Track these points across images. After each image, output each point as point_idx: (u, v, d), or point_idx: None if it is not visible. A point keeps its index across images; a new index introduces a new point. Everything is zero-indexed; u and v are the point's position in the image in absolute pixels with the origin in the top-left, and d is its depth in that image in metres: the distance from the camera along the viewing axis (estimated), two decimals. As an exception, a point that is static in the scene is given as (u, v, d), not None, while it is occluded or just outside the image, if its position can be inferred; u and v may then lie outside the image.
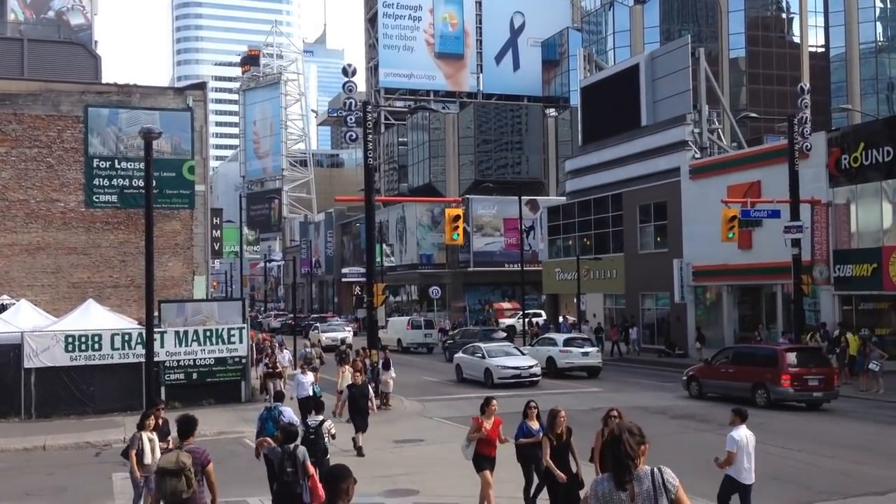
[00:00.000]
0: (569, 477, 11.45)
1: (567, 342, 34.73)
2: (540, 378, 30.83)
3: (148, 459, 11.85)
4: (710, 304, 40.70)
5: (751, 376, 24.98)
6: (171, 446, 10.80)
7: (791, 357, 24.61)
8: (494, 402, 12.84)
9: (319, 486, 10.54)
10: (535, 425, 12.36)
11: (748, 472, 11.06)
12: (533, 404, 12.64)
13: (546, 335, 39.60)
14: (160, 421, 12.86)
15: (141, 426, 12.31)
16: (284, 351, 30.06)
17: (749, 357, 26.12)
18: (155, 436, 12.23)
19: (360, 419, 18.18)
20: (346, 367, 24.66)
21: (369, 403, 18.98)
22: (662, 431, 19.43)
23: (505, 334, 43.61)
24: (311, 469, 10.65)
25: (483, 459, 12.49)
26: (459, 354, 33.79)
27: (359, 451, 17.90)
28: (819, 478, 15.42)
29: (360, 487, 14.01)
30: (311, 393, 20.80)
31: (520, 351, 33.20)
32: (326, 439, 13.08)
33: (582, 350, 33.92)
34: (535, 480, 12.40)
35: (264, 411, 14.54)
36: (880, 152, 31.41)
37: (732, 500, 11.36)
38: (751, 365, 25.37)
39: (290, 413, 14.17)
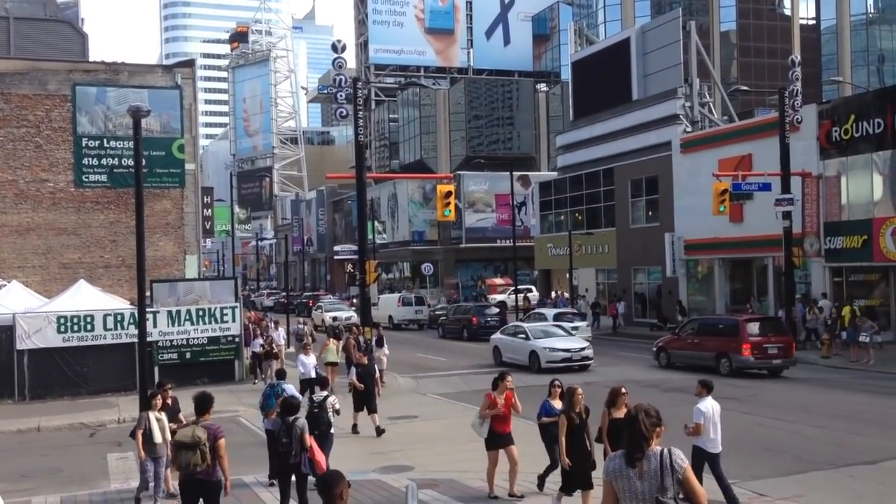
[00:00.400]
0: (585, 456, 11.10)
1: (557, 317, 34.88)
2: (592, 361, 28.09)
3: (158, 439, 11.96)
4: (702, 278, 40.83)
5: (714, 346, 26.08)
6: (185, 423, 10.97)
7: (752, 327, 25.68)
8: (510, 378, 12.43)
9: (318, 455, 10.68)
10: (557, 404, 11.90)
11: (715, 441, 11.25)
12: (557, 383, 12.26)
13: (536, 310, 39.71)
14: (169, 401, 13.02)
15: (148, 407, 12.45)
16: (279, 329, 30.08)
17: (713, 328, 27.27)
18: (163, 416, 12.31)
19: (367, 399, 18.12)
20: (332, 341, 24.68)
21: (375, 383, 18.97)
22: (657, 404, 19.49)
23: (497, 309, 43.73)
24: (310, 441, 10.78)
25: (497, 437, 12.06)
26: (497, 335, 31.14)
27: (353, 429, 17.95)
28: (811, 448, 15.54)
29: (355, 465, 14.15)
30: (313, 375, 20.81)
31: (565, 331, 30.15)
32: (330, 414, 13.16)
33: (571, 325, 34.02)
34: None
35: (267, 388, 14.75)
36: (871, 124, 31.41)
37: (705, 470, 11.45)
38: (714, 335, 26.51)
39: (291, 389, 14.30)
